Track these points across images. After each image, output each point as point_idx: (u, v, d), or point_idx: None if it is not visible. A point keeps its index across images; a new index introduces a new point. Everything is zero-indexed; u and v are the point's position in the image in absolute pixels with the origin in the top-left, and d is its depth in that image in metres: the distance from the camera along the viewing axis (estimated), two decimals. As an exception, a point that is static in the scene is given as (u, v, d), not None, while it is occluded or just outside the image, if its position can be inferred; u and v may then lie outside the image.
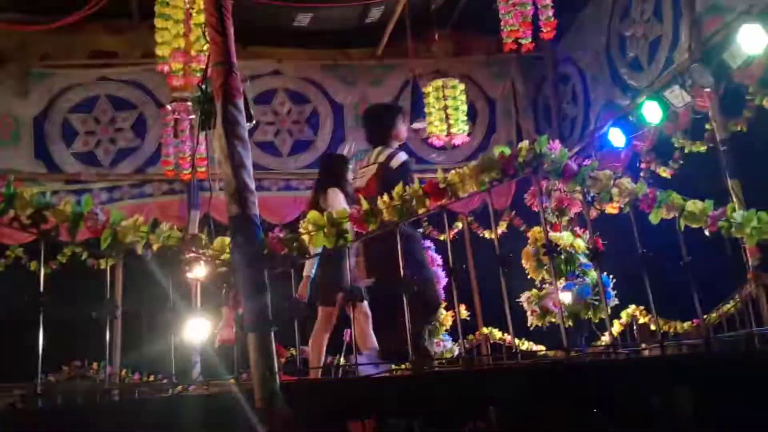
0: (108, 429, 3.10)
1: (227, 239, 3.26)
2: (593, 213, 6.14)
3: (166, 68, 5.37)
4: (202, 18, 5.28)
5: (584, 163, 3.99)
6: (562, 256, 5.39)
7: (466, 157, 8.41)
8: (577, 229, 5.89)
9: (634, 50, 7.05)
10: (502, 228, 8.51)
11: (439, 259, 7.19)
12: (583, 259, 5.45)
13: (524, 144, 3.79)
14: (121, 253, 3.27)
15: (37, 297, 2.92)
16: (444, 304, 7.06)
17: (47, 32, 7.64)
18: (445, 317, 6.99)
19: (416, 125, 7.97)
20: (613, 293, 5.52)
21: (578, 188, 3.94)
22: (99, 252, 3.44)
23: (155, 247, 3.26)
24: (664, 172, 7.20)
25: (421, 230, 5.25)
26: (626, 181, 3.94)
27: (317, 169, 8.35)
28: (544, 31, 6.25)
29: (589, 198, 4.14)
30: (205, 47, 5.25)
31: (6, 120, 7.82)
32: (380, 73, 8.73)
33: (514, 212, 8.64)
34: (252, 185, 3.13)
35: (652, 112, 6.44)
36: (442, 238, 8.42)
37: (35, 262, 8.27)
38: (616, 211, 4.54)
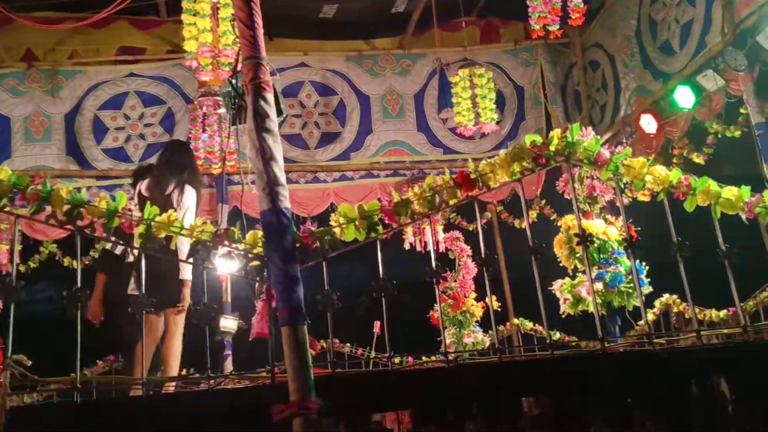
0: (143, 423, 3.13)
1: (259, 233, 3.27)
2: (625, 200, 6.05)
3: (194, 63, 5.39)
4: (228, 12, 5.30)
5: (616, 150, 3.93)
6: (595, 244, 5.33)
7: (495, 145, 8.35)
8: (609, 216, 5.82)
9: (665, 34, 6.93)
10: (532, 217, 8.44)
11: (468, 250, 7.17)
12: (616, 247, 5.38)
13: (556, 132, 3.75)
14: (155, 248, 3.29)
15: (75, 292, 2.95)
16: (474, 295, 7.08)
17: (76, 30, 7.72)
18: (476, 308, 6.97)
19: (443, 115, 7.93)
20: (646, 281, 5.45)
21: (611, 176, 3.89)
22: (132, 248, 3.47)
23: (189, 241, 3.28)
24: (698, 158, 7.09)
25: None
26: (660, 169, 3.88)
27: (345, 161, 8.48)
28: (573, 17, 6.17)
29: (622, 185, 4.08)
30: (231, 41, 5.27)
31: (38, 118, 7.92)
32: (407, 63, 8.69)
33: (544, 201, 8.57)
34: (283, 179, 3.12)
35: (684, 97, 6.32)
36: (471, 228, 8.39)
37: (69, 258, 8.41)
38: (648, 199, 4.47)
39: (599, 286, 5.26)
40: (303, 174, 8.40)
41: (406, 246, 7.92)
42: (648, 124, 6.75)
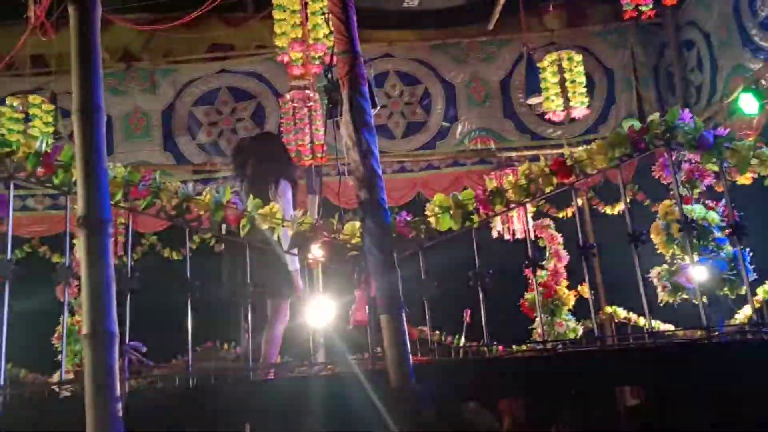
0: (240, 408, 3.25)
1: (357, 224, 3.33)
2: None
3: (285, 58, 5.50)
4: (317, 6, 5.40)
5: (719, 132, 3.79)
6: (695, 231, 5.15)
7: (585, 130, 8.19)
8: (708, 201, 5.61)
9: (765, 9, 6.60)
10: (625, 203, 8.22)
11: (559, 237, 7.07)
12: (717, 233, 5.18)
13: (655, 116, 3.66)
14: (256, 239, 3.40)
15: (188, 282, 3.09)
16: (566, 283, 6.98)
17: (169, 29, 8.01)
18: (568, 296, 6.88)
19: (531, 100, 7.81)
20: (751, 268, 5.23)
21: (714, 160, 3.76)
22: (228, 239, 3.59)
23: (290, 232, 3.38)
24: (803, 138, 6.74)
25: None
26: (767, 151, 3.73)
27: (431, 150, 8.48)
28: (667, -4, 5.96)
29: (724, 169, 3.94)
30: (321, 35, 5.37)
31: (137, 116, 8.29)
32: (492, 50, 8.59)
33: (637, 186, 8.33)
34: (379, 171, 3.18)
35: (749, 103, 6.04)
36: (561, 215, 8.26)
37: (168, 249, 8.79)
38: (749, 182, 4.29)
39: (700, 273, 5.08)
40: (390, 164, 8.45)
41: (494, 234, 7.86)
42: (748, 103, 6.45)
